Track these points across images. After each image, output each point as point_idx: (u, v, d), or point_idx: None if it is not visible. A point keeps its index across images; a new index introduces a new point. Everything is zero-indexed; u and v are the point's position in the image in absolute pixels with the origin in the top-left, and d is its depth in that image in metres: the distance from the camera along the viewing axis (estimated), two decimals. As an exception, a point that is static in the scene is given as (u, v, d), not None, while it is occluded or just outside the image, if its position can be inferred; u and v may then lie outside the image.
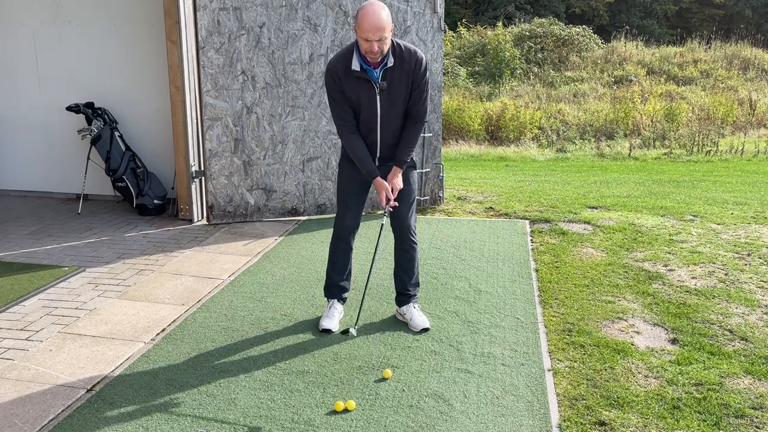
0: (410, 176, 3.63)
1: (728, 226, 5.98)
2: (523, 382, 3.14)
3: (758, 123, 15.89)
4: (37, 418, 2.85)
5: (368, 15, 3.10)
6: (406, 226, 3.65)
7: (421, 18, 5.95)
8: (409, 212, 3.64)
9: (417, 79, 3.36)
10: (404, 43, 3.37)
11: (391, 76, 3.32)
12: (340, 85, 3.33)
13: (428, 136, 6.28)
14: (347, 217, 3.67)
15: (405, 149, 3.48)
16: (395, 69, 3.31)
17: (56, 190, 7.07)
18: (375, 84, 3.32)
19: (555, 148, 13.87)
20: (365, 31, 3.11)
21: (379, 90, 3.33)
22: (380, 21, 3.10)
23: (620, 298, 4.20)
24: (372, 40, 3.12)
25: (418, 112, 3.45)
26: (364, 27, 3.11)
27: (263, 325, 3.80)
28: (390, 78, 3.32)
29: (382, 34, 3.13)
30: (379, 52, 3.19)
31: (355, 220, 3.70)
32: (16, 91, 6.89)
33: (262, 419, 2.83)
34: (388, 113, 3.41)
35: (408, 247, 3.72)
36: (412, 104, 3.43)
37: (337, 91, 3.35)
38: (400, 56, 3.31)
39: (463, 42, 22.27)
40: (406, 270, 3.77)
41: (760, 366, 3.29)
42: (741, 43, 21.72)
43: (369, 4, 3.15)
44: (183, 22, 5.63)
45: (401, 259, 3.76)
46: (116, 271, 4.75)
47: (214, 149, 5.70)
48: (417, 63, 3.33)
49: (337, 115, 3.44)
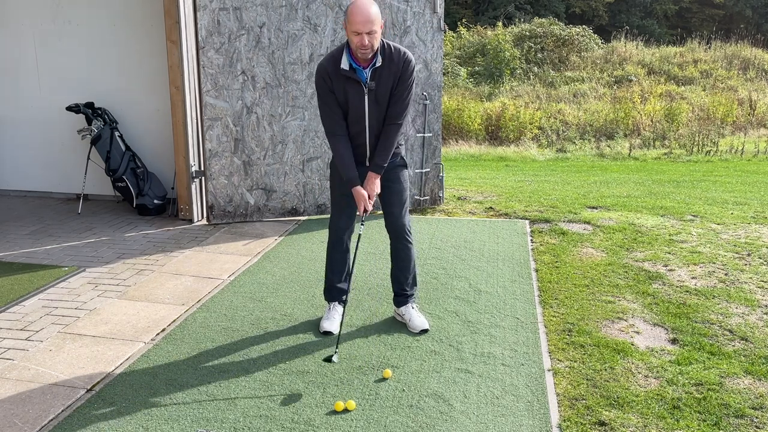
0: (401, 175, 3.62)
1: (728, 226, 5.98)
2: (523, 382, 3.14)
3: (758, 123, 15.89)
4: (37, 418, 2.85)
5: (358, 7, 3.15)
6: (400, 225, 3.65)
7: (421, 18, 5.95)
8: (402, 211, 3.64)
9: (403, 77, 3.34)
10: (395, 44, 3.38)
11: (379, 75, 3.32)
12: (330, 85, 3.33)
13: (428, 136, 6.28)
14: (341, 218, 3.67)
15: (381, 153, 3.44)
16: (384, 68, 3.31)
17: (56, 190, 7.07)
18: (363, 84, 3.32)
19: (555, 148, 13.88)
20: (355, 24, 3.14)
21: (367, 90, 3.33)
22: (370, 14, 3.14)
23: (620, 298, 4.20)
24: (362, 32, 3.14)
25: (396, 111, 3.40)
26: (354, 20, 3.14)
27: (263, 325, 3.80)
28: (378, 77, 3.32)
29: (372, 27, 3.15)
30: (370, 47, 3.19)
31: (350, 221, 3.69)
32: (16, 91, 6.89)
33: (262, 419, 2.83)
34: (376, 113, 3.41)
35: (404, 246, 3.71)
36: (392, 102, 3.39)
37: (327, 91, 3.35)
38: (389, 56, 3.31)
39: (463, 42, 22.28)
40: (403, 270, 3.76)
41: (760, 366, 3.29)
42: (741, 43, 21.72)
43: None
44: (183, 22, 5.63)
45: (397, 259, 3.76)
46: (116, 271, 4.75)
47: (214, 149, 5.70)
48: (405, 63, 3.33)
49: (326, 115, 3.42)
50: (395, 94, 3.37)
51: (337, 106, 3.39)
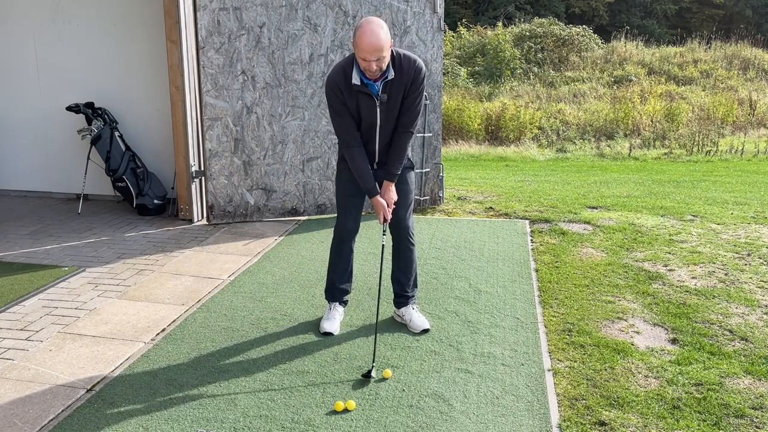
0: (407, 177, 3.62)
1: (728, 226, 5.98)
2: (523, 382, 3.14)
3: (758, 123, 15.89)
4: (37, 418, 2.85)
5: (366, 35, 3.05)
6: (404, 227, 3.65)
7: (421, 18, 5.95)
8: (407, 213, 3.64)
9: (414, 86, 3.32)
10: (404, 53, 3.31)
11: (391, 87, 3.29)
12: (342, 98, 3.30)
13: (428, 136, 6.28)
14: (348, 220, 3.66)
15: (395, 162, 3.44)
16: (395, 81, 3.28)
17: (56, 190, 7.07)
18: (376, 97, 3.29)
19: (555, 148, 13.88)
20: (363, 52, 3.08)
21: (379, 102, 3.31)
22: (378, 42, 3.06)
23: (620, 298, 4.20)
24: (370, 60, 3.10)
25: (409, 119, 3.39)
26: (362, 48, 3.07)
27: (263, 325, 3.80)
28: (390, 89, 3.29)
29: (381, 54, 3.09)
30: (378, 70, 3.16)
31: (356, 223, 3.69)
32: (16, 91, 6.89)
33: (262, 419, 2.83)
34: (387, 123, 3.40)
35: (405, 248, 3.71)
36: (404, 110, 3.37)
37: (340, 104, 3.31)
38: (400, 67, 3.27)
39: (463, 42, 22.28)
40: (405, 272, 3.76)
41: (760, 366, 3.29)
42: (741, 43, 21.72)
43: (367, 22, 3.09)
44: (183, 22, 5.63)
45: (399, 261, 3.76)
46: (116, 271, 4.75)
47: (214, 149, 5.70)
48: (416, 71, 3.30)
49: (341, 128, 3.39)
50: (406, 102, 3.35)
51: (350, 119, 3.36)
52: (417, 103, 3.38)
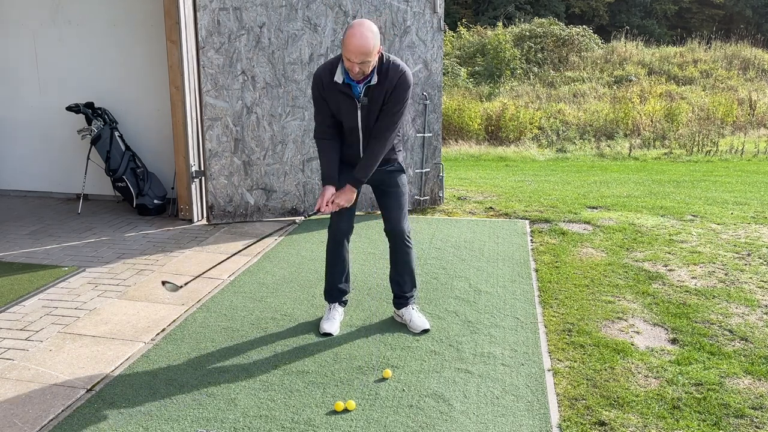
0: (399, 179, 3.60)
1: (728, 226, 5.98)
2: (523, 382, 3.14)
3: (758, 123, 15.89)
4: (37, 418, 2.85)
5: (354, 37, 3.04)
6: (399, 230, 3.63)
7: (421, 18, 5.95)
8: (401, 215, 3.62)
9: (395, 93, 3.27)
10: (395, 61, 3.28)
11: (373, 93, 3.28)
12: (323, 94, 3.31)
13: (428, 136, 6.28)
14: (342, 220, 3.66)
15: (361, 168, 3.39)
16: (378, 86, 3.26)
17: (56, 190, 7.08)
18: (356, 99, 3.29)
19: (555, 148, 13.88)
20: (348, 52, 3.08)
21: (360, 105, 3.31)
22: (365, 46, 3.04)
23: (620, 298, 4.20)
24: (354, 62, 3.09)
25: (383, 126, 3.32)
26: (348, 48, 3.07)
27: (263, 325, 3.80)
28: (372, 95, 3.28)
29: (365, 59, 3.08)
30: (360, 73, 3.16)
31: (350, 223, 3.69)
32: (16, 91, 6.89)
33: (262, 419, 2.83)
34: (369, 126, 3.39)
35: (402, 251, 3.70)
36: (381, 116, 3.32)
37: (320, 99, 3.34)
38: (385, 73, 3.24)
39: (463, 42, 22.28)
40: (402, 273, 3.75)
41: (760, 366, 3.29)
42: (741, 43, 21.72)
43: (358, 24, 3.08)
44: (183, 22, 5.63)
45: (397, 263, 3.75)
46: (116, 271, 4.75)
47: (214, 149, 5.70)
48: (400, 81, 3.25)
49: (316, 120, 3.45)
50: (384, 109, 3.31)
51: (328, 116, 3.38)
52: (395, 112, 3.31)
